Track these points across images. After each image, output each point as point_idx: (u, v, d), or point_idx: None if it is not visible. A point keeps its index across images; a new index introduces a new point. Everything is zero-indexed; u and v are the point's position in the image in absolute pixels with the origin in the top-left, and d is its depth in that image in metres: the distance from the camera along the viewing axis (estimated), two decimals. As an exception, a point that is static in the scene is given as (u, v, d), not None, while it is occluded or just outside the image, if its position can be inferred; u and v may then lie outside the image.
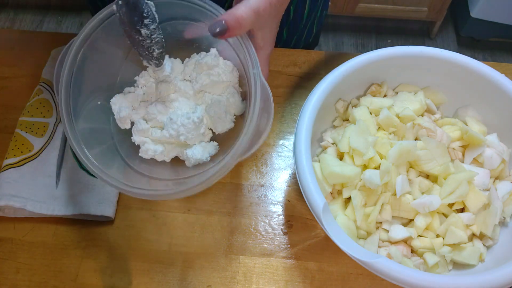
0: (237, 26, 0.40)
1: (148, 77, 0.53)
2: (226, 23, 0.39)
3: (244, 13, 0.40)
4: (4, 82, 0.65)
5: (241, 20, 0.40)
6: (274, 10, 0.42)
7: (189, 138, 0.49)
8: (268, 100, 0.42)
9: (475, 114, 0.55)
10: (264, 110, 0.42)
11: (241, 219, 0.55)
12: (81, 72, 0.47)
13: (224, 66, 0.50)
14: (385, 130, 0.52)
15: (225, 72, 0.50)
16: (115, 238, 0.54)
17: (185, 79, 0.52)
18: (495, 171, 0.51)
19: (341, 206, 0.49)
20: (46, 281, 0.51)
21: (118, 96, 0.51)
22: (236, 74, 0.51)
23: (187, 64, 0.52)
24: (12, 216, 0.54)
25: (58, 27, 1.80)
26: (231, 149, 0.42)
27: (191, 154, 0.49)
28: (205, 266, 0.52)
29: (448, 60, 0.52)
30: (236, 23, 0.40)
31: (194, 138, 0.49)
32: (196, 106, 0.51)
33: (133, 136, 0.51)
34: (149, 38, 0.37)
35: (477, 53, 1.74)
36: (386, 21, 1.81)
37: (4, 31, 0.71)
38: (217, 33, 0.40)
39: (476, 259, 0.46)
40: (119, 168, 0.49)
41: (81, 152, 0.44)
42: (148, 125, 0.50)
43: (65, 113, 0.45)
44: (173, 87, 0.51)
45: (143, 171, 0.50)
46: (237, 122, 0.51)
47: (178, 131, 0.48)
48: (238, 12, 0.40)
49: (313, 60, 0.68)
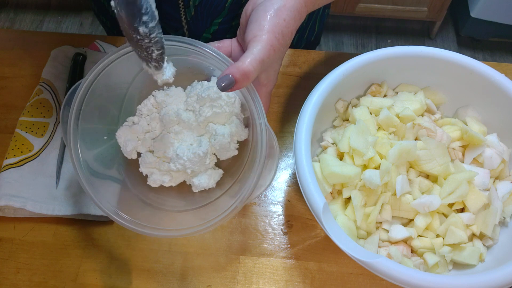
0: (244, 79, 0.41)
1: (150, 107, 0.53)
2: (234, 77, 0.40)
3: (251, 65, 0.40)
4: (4, 82, 0.65)
5: (248, 74, 0.40)
6: (278, 54, 0.43)
7: (195, 169, 0.50)
8: (272, 148, 0.43)
9: (475, 114, 0.55)
10: (269, 156, 0.43)
11: (241, 219, 0.55)
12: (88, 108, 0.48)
13: (227, 98, 0.50)
14: (385, 130, 0.52)
15: (227, 104, 0.50)
16: (115, 238, 0.54)
17: (188, 109, 0.52)
18: (495, 171, 0.51)
19: (341, 206, 0.49)
20: (46, 281, 0.51)
21: (122, 129, 0.52)
22: (238, 103, 0.51)
23: (189, 95, 0.52)
24: (12, 216, 0.54)
25: (58, 27, 1.80)
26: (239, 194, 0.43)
27: (197, 182, 0.51)
28: (205, 266, 0.52)
29: (448, 60, 0.52)
30: (243, 76, 0.40)
31: (200, 169, 0.51)
32: (201, 139, 0.51)
33: (141, 167, 0.52)
34: (148, 38, 0.37)
35: (477, 53, 1.74)
36: (386, 21, 1.81)
37: (4, 31, 0.71)
38: (225, 87, 0.40)
39: (476, 259, 0.46)
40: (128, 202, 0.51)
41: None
42: (155, 157, 0.51)
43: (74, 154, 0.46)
44: (176, 119, 0.51)
45: (151, 200, 0.52)
46: (240, 148, 0.53)
47: (184, 165, 0.49)
48: (245, 66, 0.40)
49: (313, 60, 0.68)
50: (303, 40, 0.76)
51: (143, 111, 0.53)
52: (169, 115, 0.51)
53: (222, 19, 0.65)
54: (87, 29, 1.80)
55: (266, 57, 0.41)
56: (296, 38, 0.74)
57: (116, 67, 0.46)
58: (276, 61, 0.45)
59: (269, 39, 0.42)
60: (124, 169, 0.53)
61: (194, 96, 0.51)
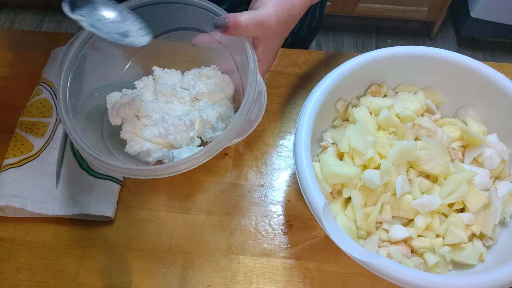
0: (233, 28, 0.44)
1: (147, 81, 0.54)
2: (228, 22, 0.43)
3: (244, 21, 0.43)
4: (4, 82, 0.65)
5: (239, 26, 0.43)
6: (280, 28, 0.46)
7: (177, 139, 0.51)
8: (260, 94, 0.46)
9: (475, 114, 0.55)
10: (257, 101, 0.46)
11: (241, 219, 0.55)
12: (81, 70, 0.49)
13: (222, 77, 0.54)
14: (385, 130, 0.52)
15: (222, 83, 0.54)
16: (115, 238, 0.54)
17: (183, 87, 0.54)
18: (495, 171, 0.51)
19: (341, 206, 0.49)
20: (46, 281, 0.51)
21: (115, 93, 0.53)
22: (232, 87, 0.55)
23: (186, 74, 0.56)
24: (12, 216, 0.54)
25: (58, 27, 1.80)
26: (222, 133, 0.45)
27: (177, 153, 0.50)
28: (205, 266, 0.52)
29: (448, 60, 0.52)
30: (233, 25, 0.43)
31: (182, 140, 0.51)
32: (190, 111, 0.52)
33: (122, 131, 0.52)
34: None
35: (477, 53, 1.74)
36: (386, 21, 1.81)
37: (4, 31, 0.71)
38: (217, 25, 0.44)
39: (476, 259, 0.46)
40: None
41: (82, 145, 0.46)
42: (140, 122, 0.51)
43: (64, 110, 0.47)
44: (171, 92, 0.53)
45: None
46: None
47: (167, 130, 0.50)
48: (240, 19, 0.43)
49: (313, 60, 0.68)
50: (304, 27, 0.77)
51: (139, 85, 0.56)
52: (165, 86, 0.54)
53: (228, 5, 0.65)
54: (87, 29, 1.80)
55: (267, 23, 0.44)
56: (297, 26, 0.75)
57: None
58: (276, 38, 0.47)
59: (276, 9, 0.44)
60: (107, 136, 0.53)
61: (191, 75, 0.55)
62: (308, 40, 0.86)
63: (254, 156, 0.59)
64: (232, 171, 0.58)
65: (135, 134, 0.52)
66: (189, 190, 0.57)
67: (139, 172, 0.44)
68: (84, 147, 0.45)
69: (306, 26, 0.78)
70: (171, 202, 0.56)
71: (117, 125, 0.54)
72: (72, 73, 0.48)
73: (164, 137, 0.51)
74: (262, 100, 0.46)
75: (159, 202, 0.56)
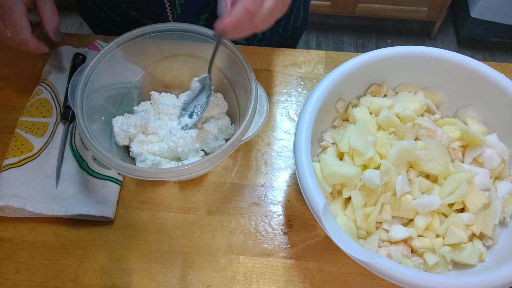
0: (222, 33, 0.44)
1: (146, 105, 0.60)
2: (217, 32, 0.44)
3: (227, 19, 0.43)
4: (4, 82, 0.65)
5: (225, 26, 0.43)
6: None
7: (185, 151, 0.54)
8: (262, 95, 0.51)
9: (475, 114, 0.55)
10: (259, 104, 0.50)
11: (241, 219, 0.55)
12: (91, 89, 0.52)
13: (215, 95, 0.59)
14: (385, 130, 0.52)
15: (216, 100, 0.59)
16: (115, 238, 0.54)
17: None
18: (495, 171, 0.51)
19: (341, 206, 0.49)
20: (46, 281, 0.51)
21: (119, 117, 0.56)
22: (225, 104, 0.59)
23: (181, 96, 0.59)
24: (12, 216, 0.54)
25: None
26: (234, 135, 0.48)
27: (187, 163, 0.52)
28: (205, 266, 0.52)
29: (448, 60, 0.52)
30: (221, 31, 0.44)
31: (189, 152, 0.54)
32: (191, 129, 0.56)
33: (132, 148, 0.55)
34: None
35: (477, 53, 1.74)
36: (386, 21, 1.81)
37: (4, 31, 0.71)
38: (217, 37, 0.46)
39: (476, 259, 0.46)
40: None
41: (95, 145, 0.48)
42: (148, 138, 0.56)
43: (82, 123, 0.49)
44: (171, 109, 0.57)
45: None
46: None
47: (176, 143, 0.53)
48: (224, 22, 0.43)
49: (313, 60, 0.68)
50: (288, 28, 0.77)
51: (139, 109, 0.59)
52: (166, 105, 0.57)
53: (208, 14, 0.66)
54: (87, 29, 1.80)
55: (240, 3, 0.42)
56: (282, 26, 0.75)
57: (113, 64, 0.52)
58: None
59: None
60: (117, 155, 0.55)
61: (184, 97, 0.58)
62: (295, 39, 0.86)
63: (254, 156, 0.59)
64: (232, 171, 0.58)
65: (144, 150, 0.55)
66: (189, 190, 0.57)
67: (167, 174, 0.47)
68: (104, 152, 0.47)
69: (291, 27, 0.78)
70: (171, 202, 0.56)
71: (124, 145, 0.56)
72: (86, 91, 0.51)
73: (173, 150, 0.54)
74: (264, 102, 0.51)
75: (159, 202, 0.56)
